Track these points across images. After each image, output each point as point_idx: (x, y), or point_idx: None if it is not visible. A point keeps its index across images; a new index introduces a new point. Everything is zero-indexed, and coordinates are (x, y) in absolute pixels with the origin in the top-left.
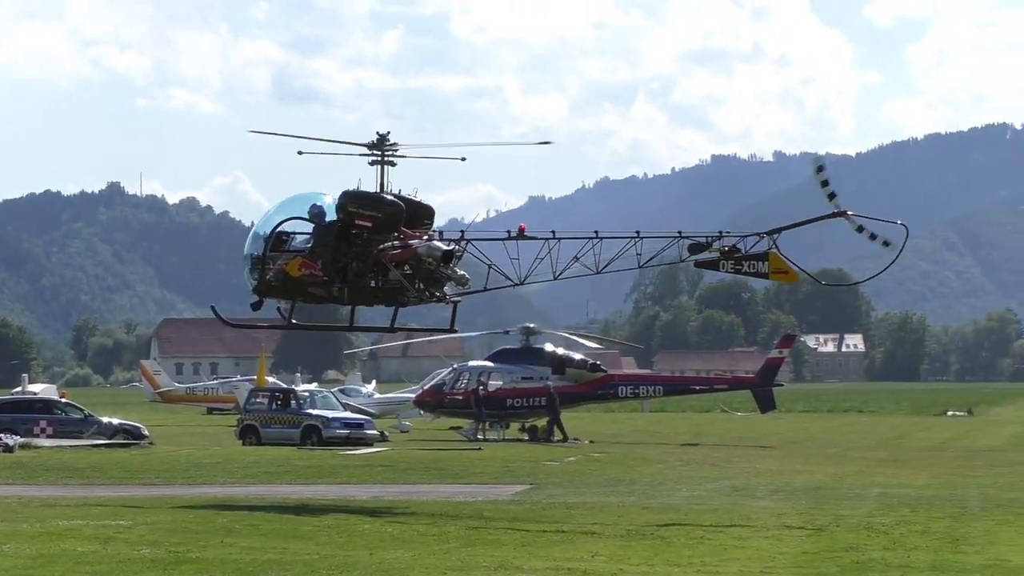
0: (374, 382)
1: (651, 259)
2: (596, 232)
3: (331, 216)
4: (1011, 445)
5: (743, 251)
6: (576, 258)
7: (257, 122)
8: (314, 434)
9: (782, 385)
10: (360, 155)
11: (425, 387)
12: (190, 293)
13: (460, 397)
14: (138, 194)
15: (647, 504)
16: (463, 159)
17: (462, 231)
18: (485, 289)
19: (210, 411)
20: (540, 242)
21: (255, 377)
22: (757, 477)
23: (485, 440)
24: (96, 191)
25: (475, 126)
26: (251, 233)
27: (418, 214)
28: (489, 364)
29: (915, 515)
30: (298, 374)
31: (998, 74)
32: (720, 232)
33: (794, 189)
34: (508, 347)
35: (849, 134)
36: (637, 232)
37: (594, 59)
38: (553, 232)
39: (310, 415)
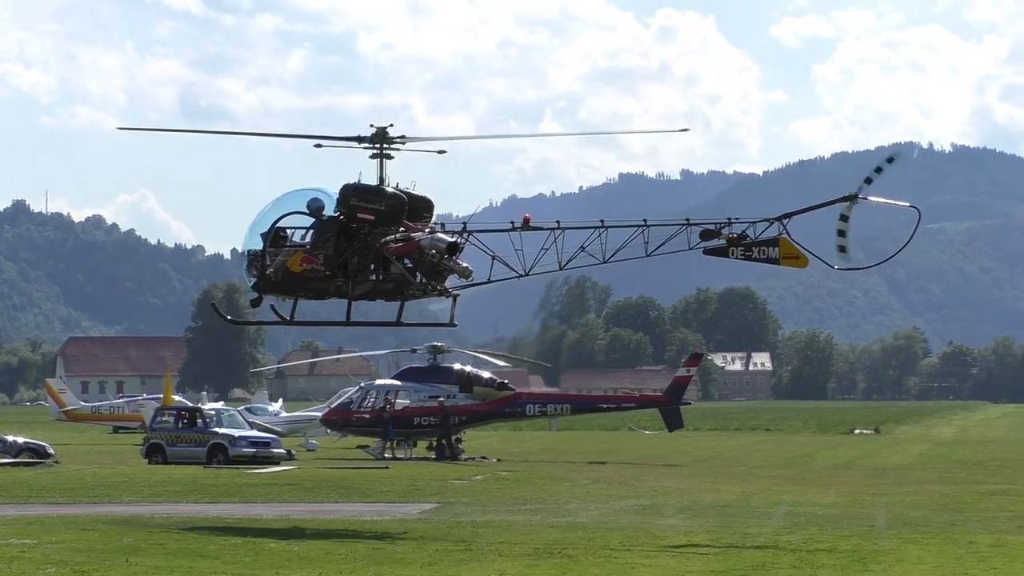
0: (281, 400)
1: (659, 247)
2: (602, 221)
3: (331, 210)
4: (918, 463)
5: (752, 237)
6: (583, 248)
7: (162, 141)
8: (220, 453)
9: (689, 403)
10: (362, 148)
11: (332, 405)
12: (96, 311)
13: (367, 416)
14: (43, 212)
15: (554, 523)
16: (442, 152)
17: (464, 223)
18: (489, 281)
19: (116, 430)
20: (543, 233)
21: (161, 396)
22: (665, 495)
23: (392, 459)
24: (1, 209)
25: None
26: (248, 229)
27: (418, 207)
28: (396, 383)
29: (822, 533)
30: (204, 393)
31: (904, 93)
32: (729, 219)
33: (702, 207)
34: (415, 365)
35: (756, 153)
36: (644, 220)
37: (500, 78)
38: (558, 222)
39: (216, 434)
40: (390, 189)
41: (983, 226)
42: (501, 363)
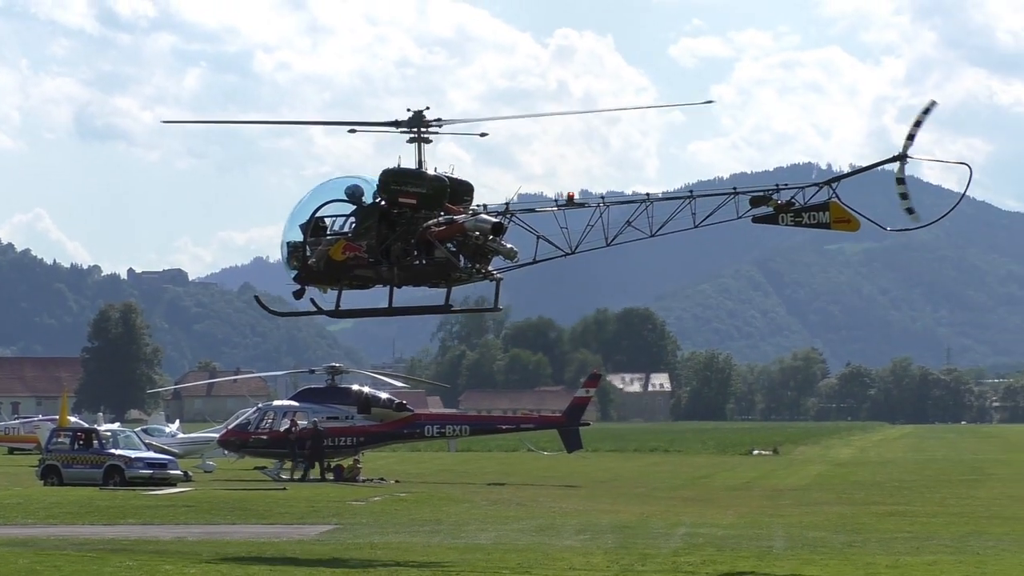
0: (178, 422)
1: (707, 218)
2: (647, 195)
3: (371, 196)
4: (816, 484)
5: (800, 204)
6: (628, 222)
7: (59, 159)
8: (117, 474)
9: (588, 424)
10: (400, 132)
11: (230, 427)
12: None
13: (265, 437)
14: None
15: (452, 544)
16: (484, 135)
17: (507, 204)
18: (535, 261)
19: (11, 451)
20: (584, 214)
21: (57, 417)
22: (563, 516)
23: (290, 480)
24: None
25: (279, 164)
26: (287, 221)
27: (458, 191)
28: (294, 404)
29: (721, 555)
30: (100, 414)
31: (801, 114)
32: (777, 185)
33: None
34: (313, 387)
35: (654, 174)
36: (690, 192)
37: (398, 97)
38: (602, 198)
39: (113, 455)
40: (430, 172)
41: (881, 247)
42: (400, 384)
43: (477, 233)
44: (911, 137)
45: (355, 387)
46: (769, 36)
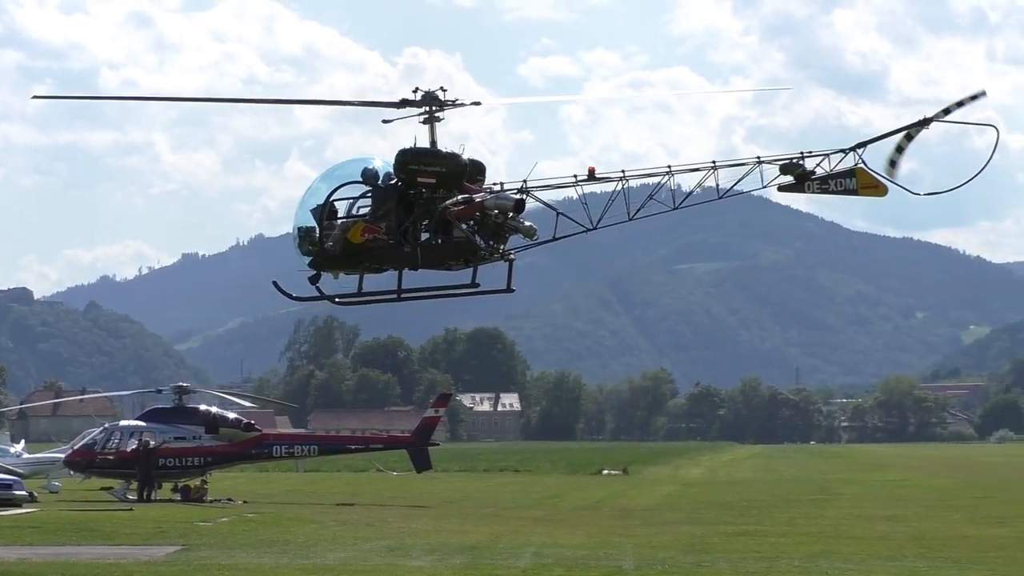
0: (23, 442)
1: (731, 188)
2: (669, 166)
3: (390, 176)
4: (665, 504)
5: (826, 171)
6: (651, 196)
7: None
8: None
9: (438, 444)
10: (410, 112)
11: (76, 447)
12: None
13: (112, 457)
14: None
15: (301, 565)
16: (477, 103)
17: (524, 180)
18: (554, 238)
19: None
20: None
21: None
22: (413, 537)
23: (137, 500)
24: None
25: (126, 182)
26: (299, 205)
27: (471, 171)
28: (141, 424)
29: (570, 574)
30: None
31: (650, 133)
32: (802, 152)
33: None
34: (160, 407)
35: None
36: (713, 162)
37: (246, 115)
38: (623, 171)
39: None
40: (447, 150)
41: (730, 267)
42: (248, 404)
43: (496, 211)
44: (947, 111)
45: (203, 407)
46: (618, 56)
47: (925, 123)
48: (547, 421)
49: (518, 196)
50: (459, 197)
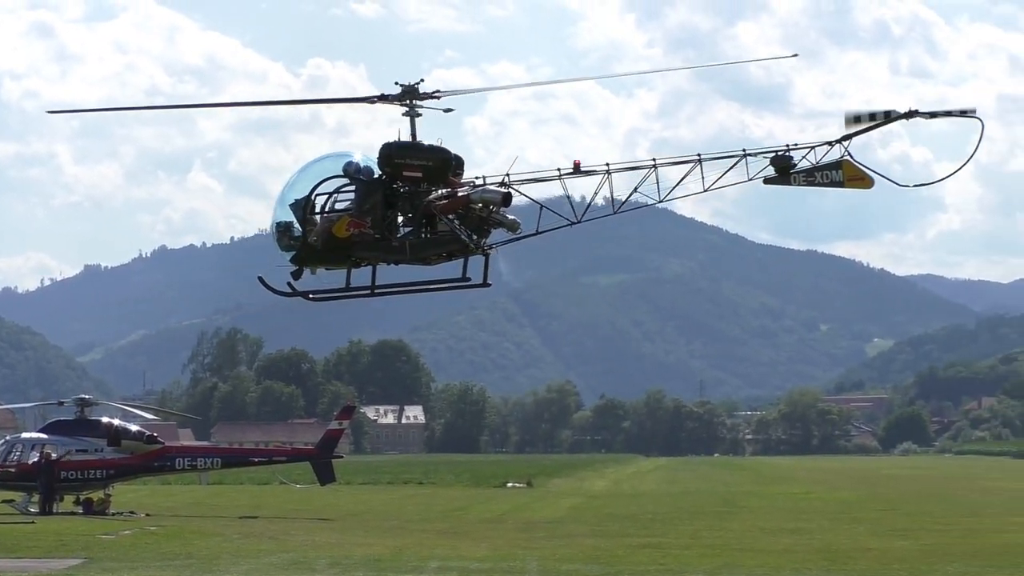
0: None
1: (716, 181)
2: (654, 159)
3: (372, 170)
4: (570, 517)
5: (812, 163)
6: (635, 189)
7: None
8: None
9: (342, 457)
10: (390, 105)
11: None
12: None
13: (13, 470)
14: None
15: None
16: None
17: (506, 174)
18: (537, 232)
19: None
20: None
21: None
22: (316, 550)
23: (39, 513)
24: None
25: (27, 193)
26: (277, 200)
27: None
28: (43, 436)
29: None
30: None
31: (555, 146)
32: (787, 145)
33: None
34: (62, 419)
35: None
36: (698, 155)
37: (149, 127)
38: (607, 164)
39: None
40: (432, 144)
41: (635, 279)
42: (150, 416)
43: (480, 205)
44: (934, 115)
45: (105, 419)
46: (522, 68)
47: (911, 115)
48: (451, 434)
49: (506, 190)
50: (443, 191)
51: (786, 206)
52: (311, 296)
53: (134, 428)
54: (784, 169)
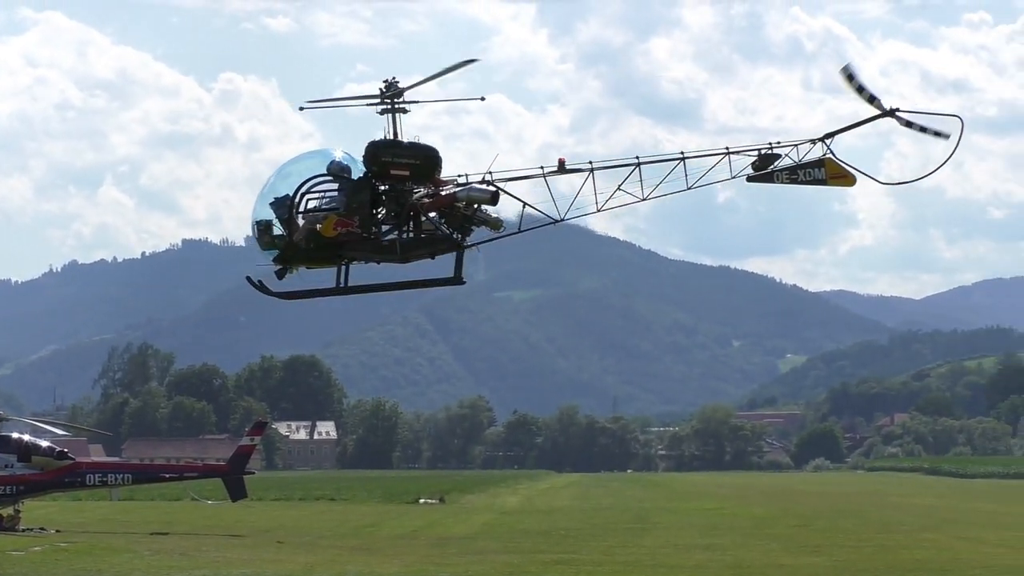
0: None
1: (700, 179)
2: (637, 157)
3: (357, 169)
4: (483, 533)
5: (795, 161)
6: (619, 187)
7: None
8: None
9: (253, 473)
10: (368, 104)
11: None
12: None
13: None
14: None
15: None
16: (483, 99)
17: (489, 171)
18: (519, 231)
19: None
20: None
21: None
22: (228, 567)
23: None
24: None
25: None
26: (257, 199)
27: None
28: None
29: None
30: None
31: (468, 162)
32: (771, 143)
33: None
34: None
35: None
36: (682, 153)
37: (59, 141)
38: (591, 162)
39: None
40: (419, 143)
41: (548, 295)
42: (61, 432)
43: (463, 204)
44: (872, 99)
45: (15, 435)
46: (434, 83)
47: (890, 114)
48: (364, 449)
49: (493, 189)
50: (428, 190)
51: (699, 222)
52: (286, 295)
53: (44, 444)
54: (759, 167)
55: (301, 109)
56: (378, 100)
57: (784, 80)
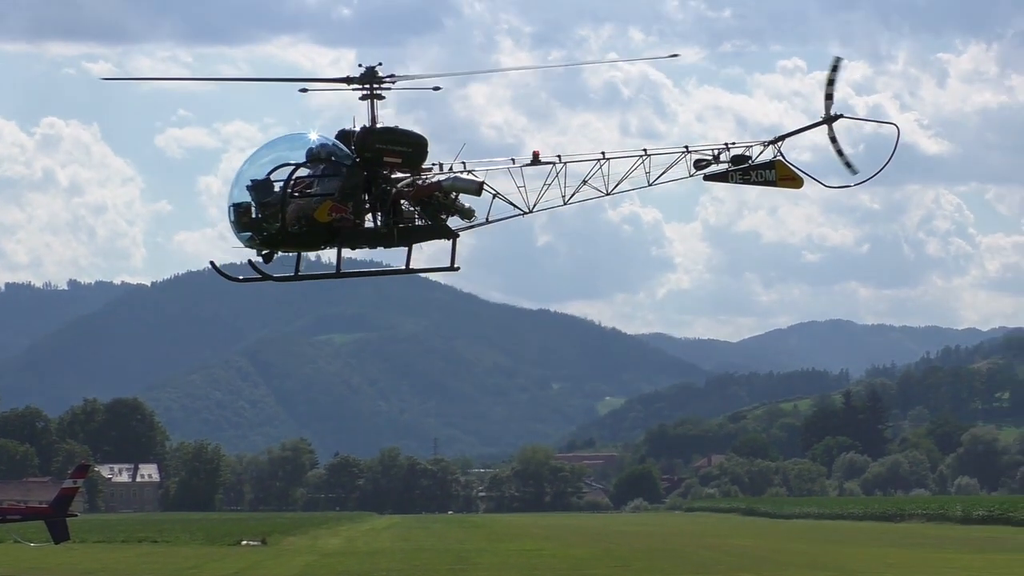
0: None
1: (660, 176)
2: (603, 153)
3: (337, 151)
4: (304, 575)
5: (749, 161)
6: (584, 181)
7: None
8: None
9: (76, 515)
10: (352, 90)
11: None
12: None
13: None
14: None
15: None
16: (437, 88)
17: (463, 162)
18: (488, 221)
19: None
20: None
21: None
22: None
23: None
24: None
25: None
26: (234, 182)
27: None
28: None
29: None
30: None
31: None
32: (726, 144)
33: (91, 317)
34: None
35: (142, 263)
36: (644, 150)
37: None
38: (559, 156)
39: None
40: (409, 129)
41: (369, 338)
42: None
43: (454, 193)
44: (829, 97)
45: None
46: (256, 127)
47: (835, 118)
48: (186, 491)
49: (480, 180)
50: (412, 178)
51: (518, 266)
52: (276, 277)
53: None
54: (713, 168)
55: (303, 91)
56: (359, 85)
57: (602, 126)
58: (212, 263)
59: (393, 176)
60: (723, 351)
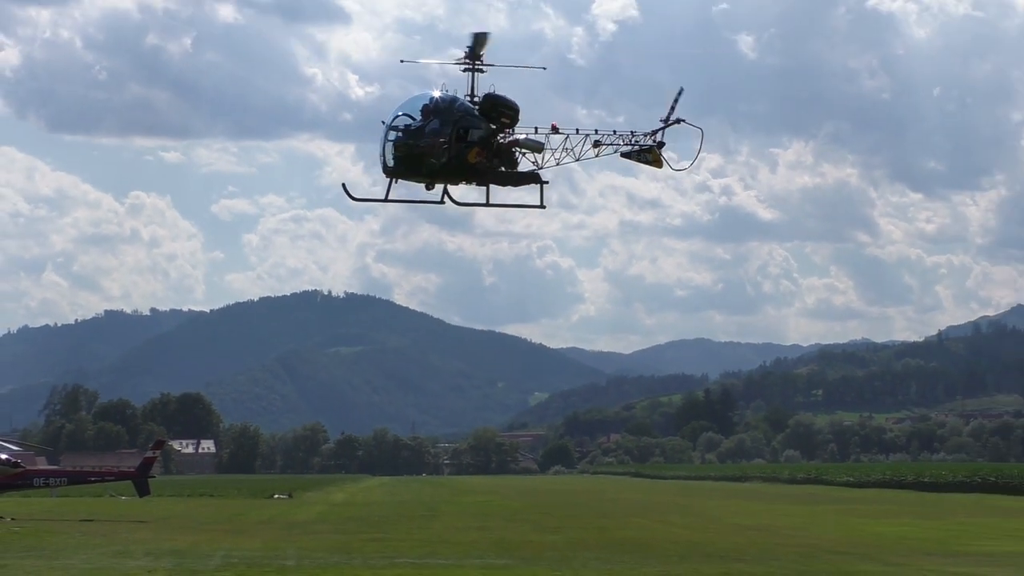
0: None
1: (602, 150)
2: (596, 130)
3: (479, 114)
4: (319, 519)
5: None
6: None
7: None
8: None
9: (155, 477)
10: (455, 63)
11: None
12: None
13: None
14: None
15: (52, 564)
16: (544, 68)
17: (536, 127)
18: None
19: None
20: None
21: None
22: (136, 544)
23: None
24: None
25: None
26: (387, 127)
27: None
28: None
29: (250, 570)
30: None
31: (307, 255)
32: (631, 131)
33: (166, 335)
34: None
35: (203, 296)
36: (595, 130)
37: (12, 240)
38: (577, 130)
39: None
40: (510, 97)
41: (366, 350)
42: (15, 447)
43: (525, 150)
44: (670, 121)
45: None
46: (283, 198)
47: (678, 121)
48: (234, 460)
49: (543, 141)
50: (503, 134)
51: (472, 298)
52: (392, 200)
53: (2, 456)
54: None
55: (402, 62)
56: (464, 62)
57: (530, 199)
58: (343, 185)
59: (499, 132)
60: (619, 360)
